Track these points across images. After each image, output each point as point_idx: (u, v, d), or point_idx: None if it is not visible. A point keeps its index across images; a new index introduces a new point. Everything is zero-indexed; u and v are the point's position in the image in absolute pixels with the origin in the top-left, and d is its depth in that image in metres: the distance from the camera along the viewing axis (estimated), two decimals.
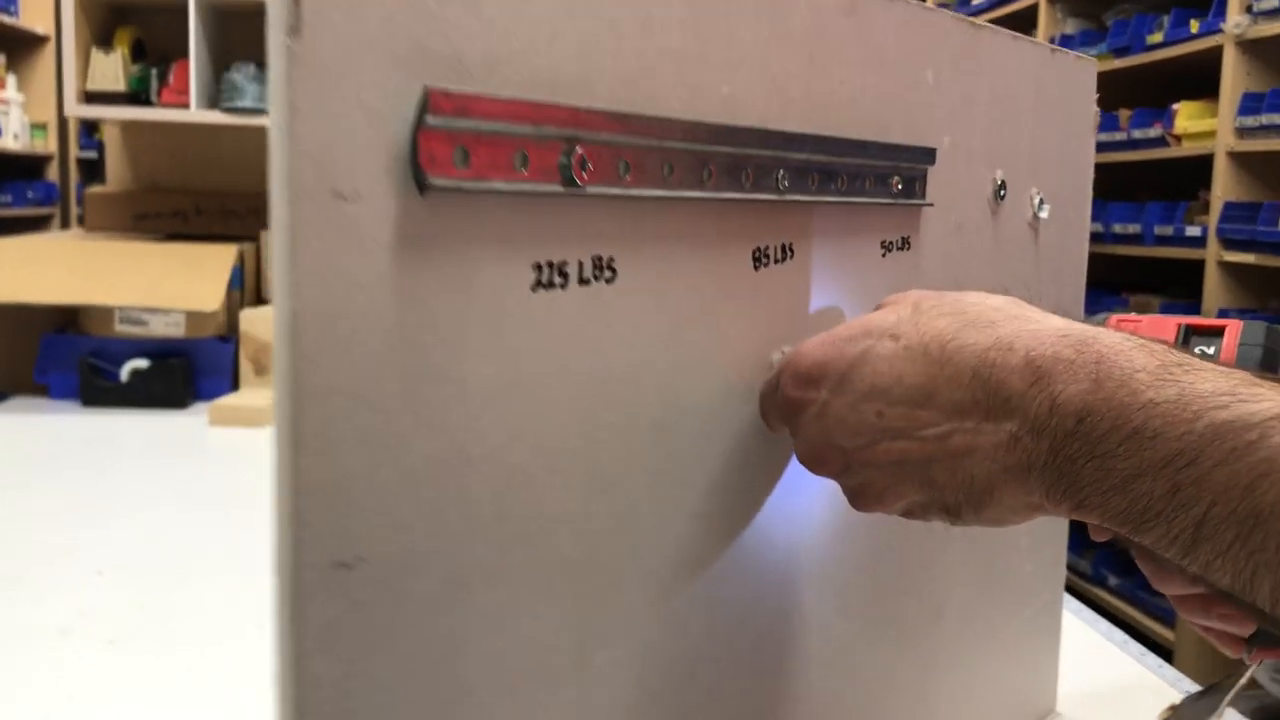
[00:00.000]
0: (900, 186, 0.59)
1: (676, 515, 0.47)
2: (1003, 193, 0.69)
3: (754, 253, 0.51)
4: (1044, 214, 0.73)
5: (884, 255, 0.60)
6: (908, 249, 0.61)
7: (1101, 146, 2.92)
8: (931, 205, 0.62)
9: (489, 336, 0.39)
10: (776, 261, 0.52)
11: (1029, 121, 0.71)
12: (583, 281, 0.42)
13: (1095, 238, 2.93)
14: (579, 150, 0.40)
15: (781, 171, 0.51)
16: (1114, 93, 2.96)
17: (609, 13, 0.42)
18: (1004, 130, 0.69)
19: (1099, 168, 0.82)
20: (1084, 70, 0.77)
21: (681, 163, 0.45)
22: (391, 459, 0.36)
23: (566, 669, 0.42)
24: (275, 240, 0.33)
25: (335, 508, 0.35)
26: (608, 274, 0.43)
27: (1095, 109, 0.80)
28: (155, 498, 1.29)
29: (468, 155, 0.37)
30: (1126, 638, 0.98)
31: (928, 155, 0.61)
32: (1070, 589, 0.88)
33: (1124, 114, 3.09)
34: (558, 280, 0.41)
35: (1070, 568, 3.29)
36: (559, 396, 0.42)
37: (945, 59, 0.62)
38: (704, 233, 0.48)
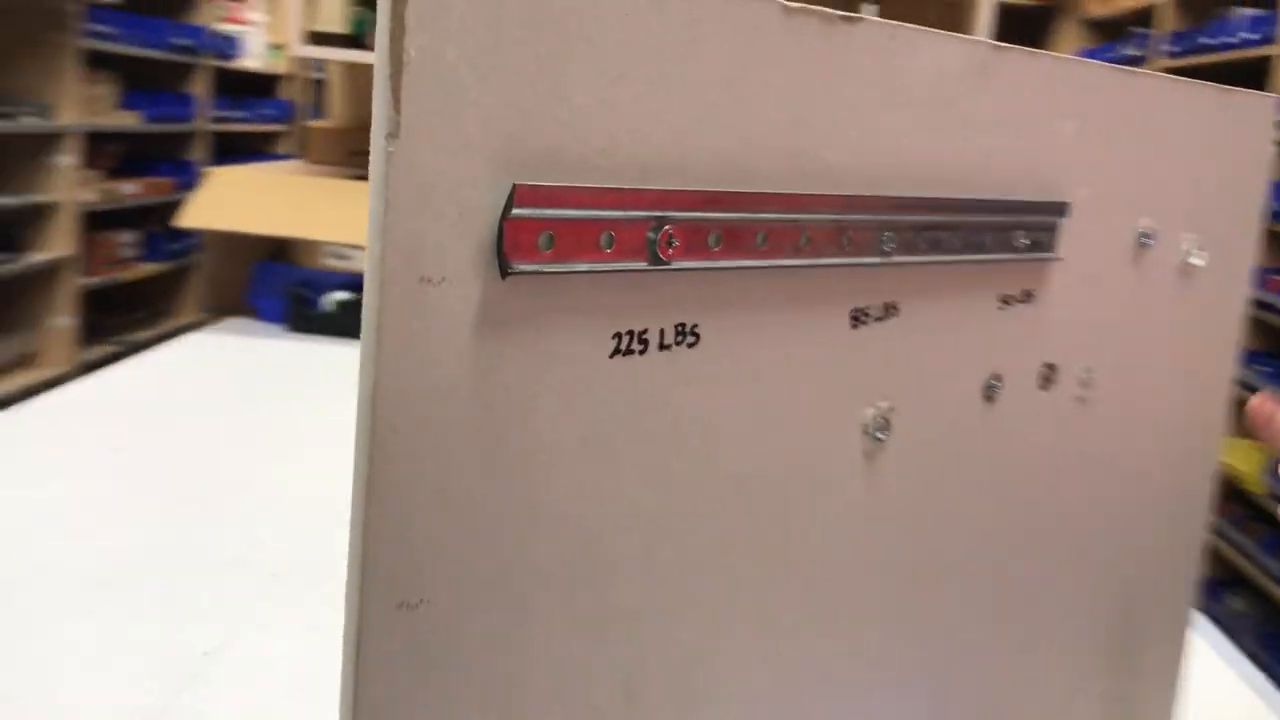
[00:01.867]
0: (1025, 242, 0.59)
1: (742, 564, 0.50)
2: (1147, 241, 0.67)
3: (853, 312, 0.52)
4: (1197, 261, 0.71)
5: (1000, 309, 0.60)
6: (1029, 301, 0.61)
7: None
8: (1060, 259, 0.61)
9: (562, 401, 0.42)
10: (877, 320, 0.54)
11: (1188, 166, 0.69)
12: (663, 347, 0.45)
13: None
14: (667, 229, 0.43)
15: (887, 234, 0.52)
16: None
17: (705, 96, 0.44)
18: (1155, 176, 0.67)
19: None
20: (1259, 109, 0.74)
21: (776, 231, 0.47)
22: (460, 514, 0.40)
23: (617, 710, 0.46)
24: (365, 319, 0.37)
25: (402, 554, 0.39)
26: (690, 339, 0.46)
27: (1272, 148, 0.77)
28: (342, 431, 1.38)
29: (553, 240, 0.40)
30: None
31: (1058, 209, 0.60)
32: None
33: None
34: (636, 347, 0.44)
35: None
36: (629, 455, 0.45)
37: (1090, 110, 0.61)
38: (796, 295, 0.49)
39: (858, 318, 0.53)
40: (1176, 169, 0.68)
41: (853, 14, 0.48)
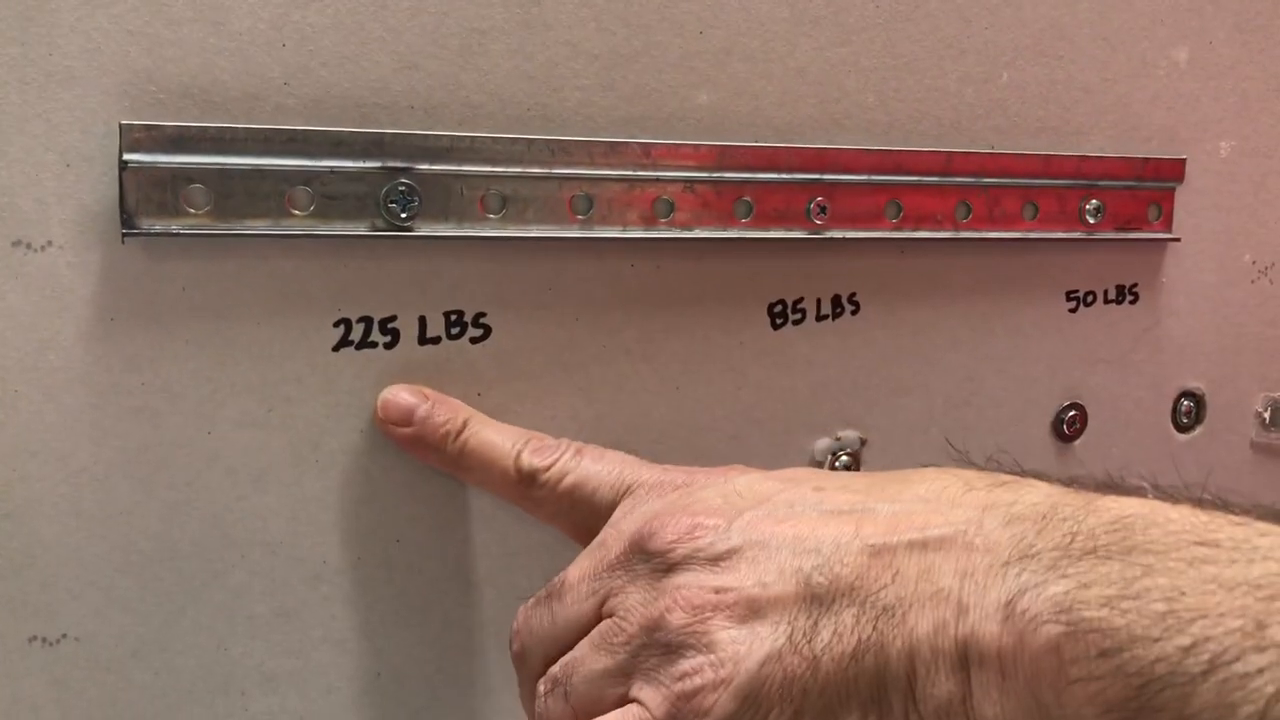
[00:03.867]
0: (1097, 216, 0.42)
1: None
2: None
3: (770, 309, 0.39)
4: None
5: (1074, 310, 0.43)
6: (1133, 300, 0.44)
7: None
8: (1176, 240, 0.43)
9: (256, 400, 0.34)
10: (819, 318, 0.40)
11: None
12: (426, 340, 0.35)
13: None
14: (402, 184, 0.34)
15: (819, 201, 0.38)
16: None
17: (434, 10, 0.34)
18: None
19: None
20: None
21: (604, 194, 0.36)
22: (106, 532, 0.33)
23: None
24: None
25: (27, 579, 0.32)
26: (474, 331, 0.36)
27: None
28: None
29: (214, 197, 0.32)
30: None
31: (1166, 170, 0.43)
32: None
33: None
34: (378, 338, 0.35)
35: None
36: (373, 472, 0.35)
37: (1226, 29, 0.43)
38: (658, 281, 0.38)
39: (776, 315, 0.39)
40: None
41: None
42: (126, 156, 0.31)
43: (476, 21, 0.34)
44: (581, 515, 0.33)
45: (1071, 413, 0.43)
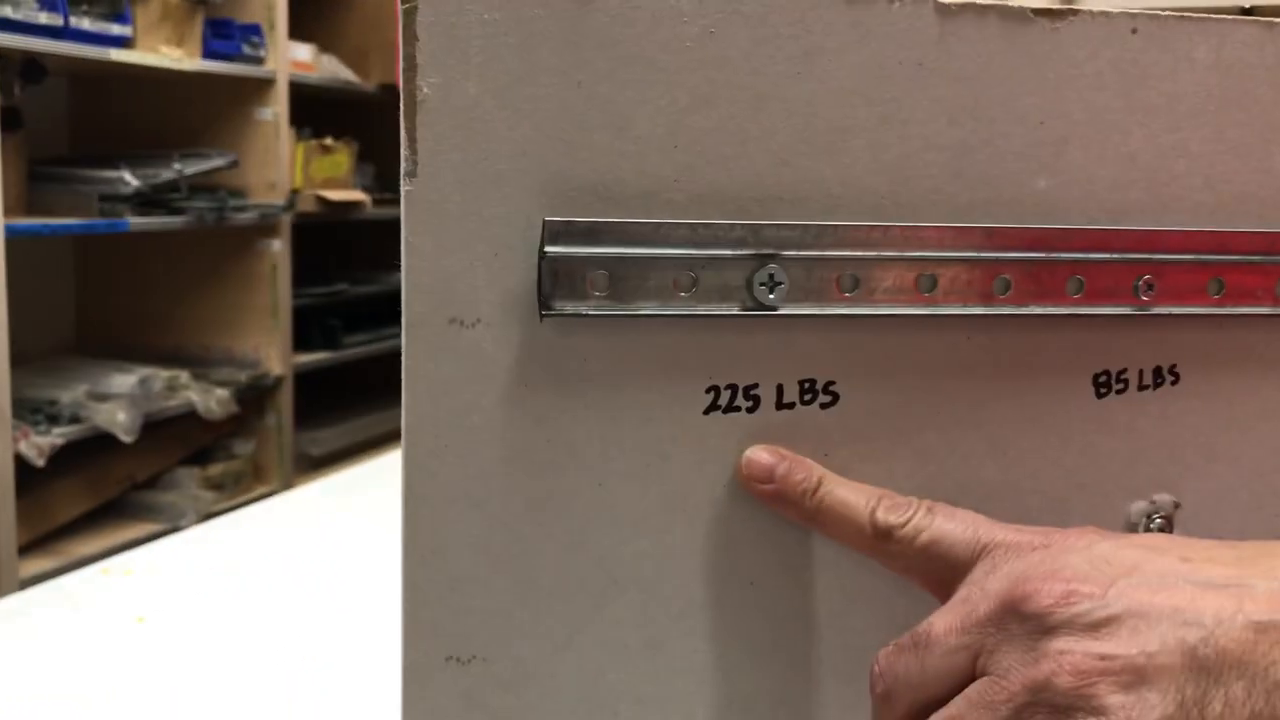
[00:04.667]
0: None
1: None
2: None
3: (1094, 379, 0.41)
4: None
5: None
6: None
7: None
8: None
9: (639, 459, 0.38)
10: (1141, 389, 0.42)
11: None
12: (782, 406, 0.39)
13: None
14: (770, 269, 0.37)
15: (1146, 279, 0.40)
16: None
17: (828, 117, 0.38)
18: None
19: None
20: None
21: (948, 273, 0.39)
22: (513, 573, 0.38)
23: None
24: (404, 360, 0.37)
25: (448, 606, 0.37)
26: (823, 398, 0.39)
27: None
28: None
29: (613, 280, 0.37)
30: None
31: None
32: None
33: None
34: (743, 404, 0.39)
35: None
36: (738, 523, 0.39)
37: None
38: (984, 352, 0.40)
39: (1106, 384, 0.42)
40: None
41: (1064, 7, 0.39)
42: (547, 248, 0.36)
43: (840, 120, 0.38)
44: (936, 570, 0.36)
45: None
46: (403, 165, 0.36)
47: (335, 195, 2.77)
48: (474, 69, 0.35)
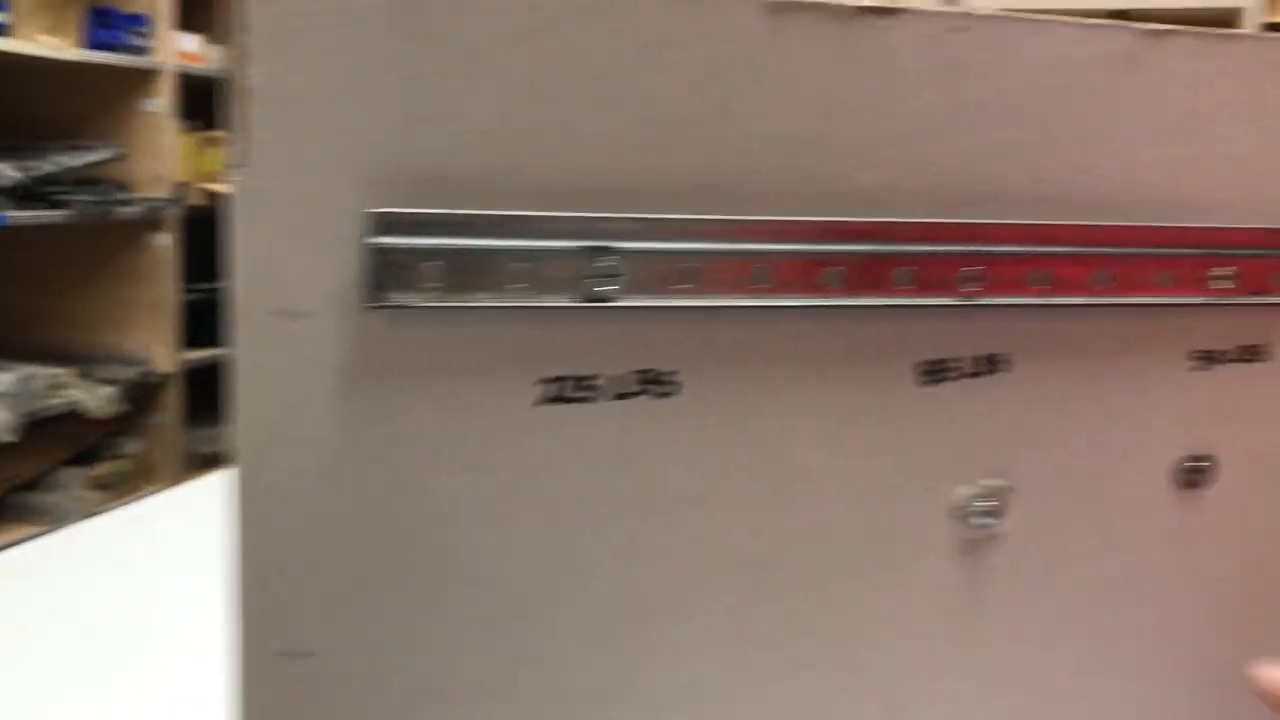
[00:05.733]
0: (1227, 282, 0.45)
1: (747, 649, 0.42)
2: None
3: (922, 367, 0.43)
4: None
5: (1202, 369, 0.46)
6: (1261, 359, 0.46)
7: None
8: None
9: (473, 451, 0.38)
10: (970, 376, 0.43)
11: None
12: (621, 396, 0.39)
13: None
14: (611, 261, 0.38)
15: (973, 271, 0.42)
16: None
17: (664, 110, 0.38)
18: None
19: None
20: None
21: (781, 266, 0.40)
22: (343, 565, 0.38)
23: None
24: (232, 352, 0.36)
25: (280, 602, 0.37)
26: (661, 388, 0.40)
27: None
28: None
29: (448, 272, 0.37)
30: None
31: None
32: None
33: None
34: (577, 395, 0.39)
35: None
36: (573, 516, 0.40)
37: None
38: (824, 341, 0.41)
39: (934, 372, 0.43)
40: None
41: (886, 6, 0.40)
42: (374, 239, 0.36)
43: (677, 114, 0.38)
44: None
45: (1198, 464, 0.46)
46: (233, 155, 0.35)
47: (225, 188, 2.71)
48: (305, 59, 0.35)
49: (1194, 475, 0.46)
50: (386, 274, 0.36)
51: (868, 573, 0.43)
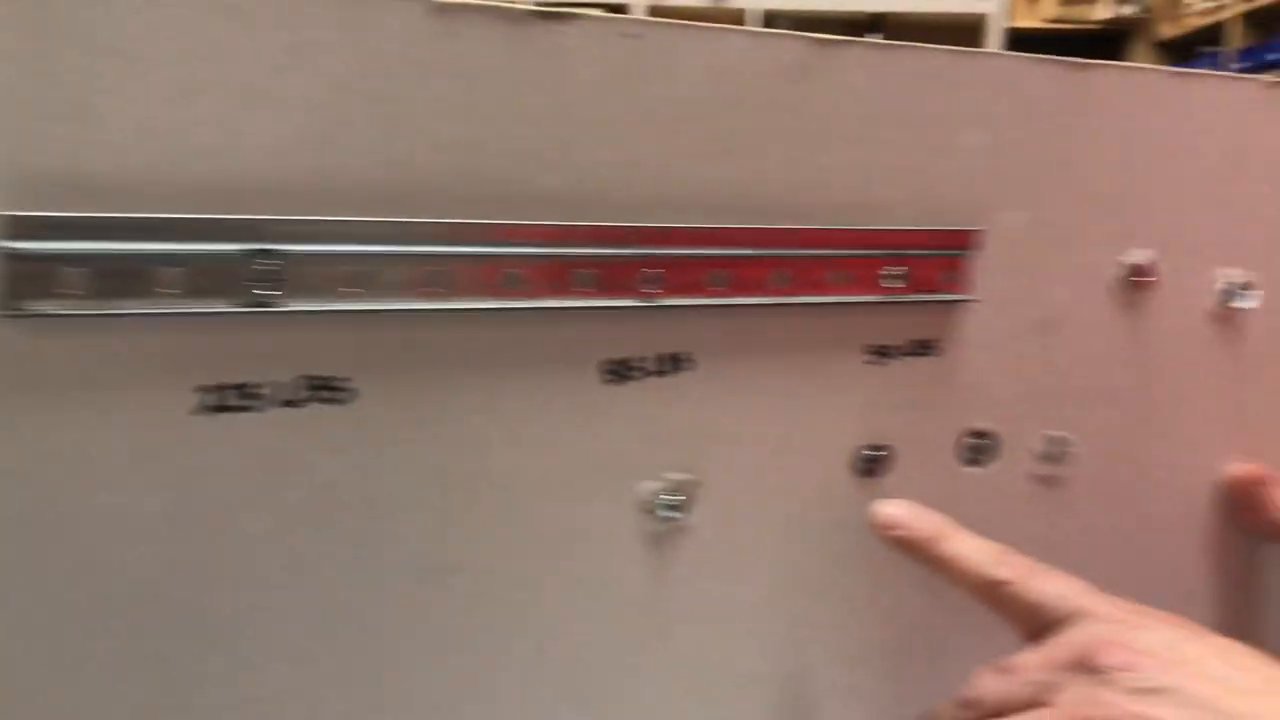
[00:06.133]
0: (901, 281, 0.47)
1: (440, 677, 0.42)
2: (1145, 278, 0.52)
3: (604, 366, 0.43)
4: (1246, 304, 0.55)
5: (878, 363, 0.48)
6: (931, 354, 0.49)
7: None
8: (974, 300, 0.49)
9: (127, 463, 0.37)
10: (654, 375, 0.44)
11: (1220, 179, 0.54)
12: (287, 404, 0.39)
13: None
14: (275, 264, 0.37)
15: (653, 273, 0.43)
16: None
17: (325, 111, 0.37)
18: (1162, 198, 0.52)
19: None
20: None
21: (457, 268, 0.40)
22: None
23: None
24: None
25: None
26: (333, 394, 0.39)
27: None
28: None
29: (95, 278, 0.35)
30: None
31: (965, 240, 0.48)
32: None
33: None
34: (238, 403, 0.38)
35: None
36: (236, 527, 0.38)
37: (1012, 115, 0.49)
38: (505, 344, 0.41)
39: (618, 372, 0.44)
40: (1196, 184, 0.53)
41: (568, 10, 0.40)
42: (4, 244, 0.34)
43: (339, 116, 0.38)
44: (1036, 622, 0.43)
45: (874, 453, 0.48)
46: None
47: None
48: None
49: (871, 464, 0.49)
50: (22, 282, 0.34)
51: (558, 572, 0.44)
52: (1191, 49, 3.98)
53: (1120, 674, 0.38)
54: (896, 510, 0.47)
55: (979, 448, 0.51)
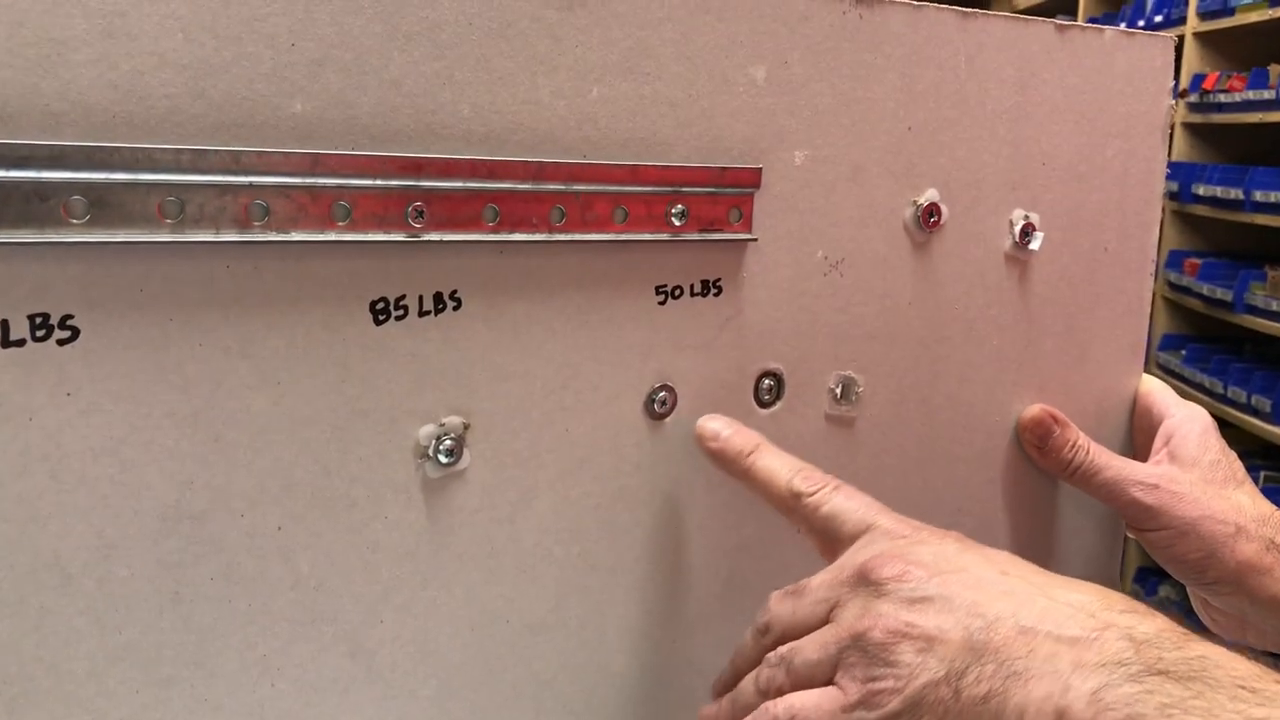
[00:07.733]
0: (682, 219, 0.46)
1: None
2: (934, 218, 0.53)
3: (372, 306, 0.42)
4: (1034, 245, 0.56)
5: (664, 303, 0.47)
6: (717, 294, 0.48)
7: (1249, 106, 2.31)
8: (755, 239, 0.48)
9: None
10: (422, 315, 0.43)
11: (1009, 121, 0.54)
12: (11, 344, 0.36)
13: (1234, 205, 2.35)
14: None
15: (416, 206, 0.41)
16: (1267, 47, 2.39)
17: (8, 20, 0.35)
18: (951, 138, 0.52)
19: (1242, 130, 0.61)
20: (1144, 51, 0.58)
21: (196, 198, 0.37)
22: None
23: None
24: None
25: None
26: (60, 333, 0.37)
27: (1169, 101, 0.60)
28: None
29: None
30: None
31: (745, 178, 0.47)
32: None
33: (1275, 70, 2.38)
34: None
35: None
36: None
37: (794, 49, 0.48)
38: (257, 282, 0.39)
39: (384, 310, 0.42)
40: (993, 129, 0.54)
41: None
42: None
43: (55, 32, 0.35)
44: (829, 537, 0.44)
45: (662, 394, 0.48)
46: None
47: None
48: None
49: (660, 405, 0.48)
50: None
51: (323, 517, 0.42)
52: (1051, 14, 4.12)
53: (894, 584, 0.40)
54: (717, 424, 0.48)
55: (770, 388, 0.51)
